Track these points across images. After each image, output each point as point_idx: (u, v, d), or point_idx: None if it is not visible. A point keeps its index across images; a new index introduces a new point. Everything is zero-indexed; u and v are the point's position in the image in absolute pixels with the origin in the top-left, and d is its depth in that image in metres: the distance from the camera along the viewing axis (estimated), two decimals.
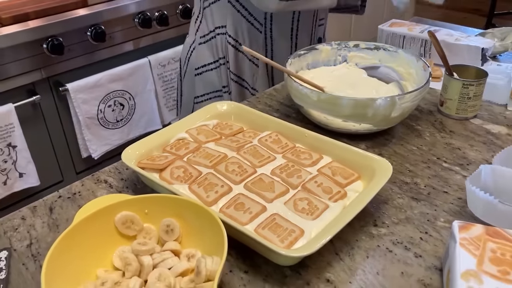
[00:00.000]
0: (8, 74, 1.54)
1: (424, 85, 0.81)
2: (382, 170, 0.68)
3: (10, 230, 0.67)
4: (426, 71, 0.87)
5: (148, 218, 0.61)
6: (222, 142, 0.77)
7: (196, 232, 0.59)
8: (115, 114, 1.85)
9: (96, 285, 0.53)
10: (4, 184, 1.66)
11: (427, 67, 0.88)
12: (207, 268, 0.52)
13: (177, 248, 0.58)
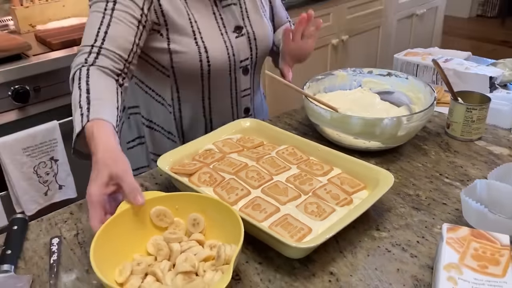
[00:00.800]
0: (55, 94, 1.70)
1: (427, 108, 0.90)
2: (385, 180, 0.76)
3: (60, 222, 0.79)
4: (432, 96, 0.95)
5: (178, 213, 0.71)
6: (244, 153, 0.87)
7: (218, 225, 0.68)
8: None
9: (133, 265, 0.63)
10: (45, 195, 1.80)
11: (433, 92, 0.96)
12: (226, 253, 0.61)
13: (202, 238, 0.68)
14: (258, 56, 1.09)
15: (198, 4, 0.99)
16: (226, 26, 1.03)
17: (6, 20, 2.06)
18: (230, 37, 1.03)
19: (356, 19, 2.78)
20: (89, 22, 0.91)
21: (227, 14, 1.03)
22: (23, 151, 1.67)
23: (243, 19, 1.06)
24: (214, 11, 1.02)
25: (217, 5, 1.02)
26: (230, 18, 1.04)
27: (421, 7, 3.25)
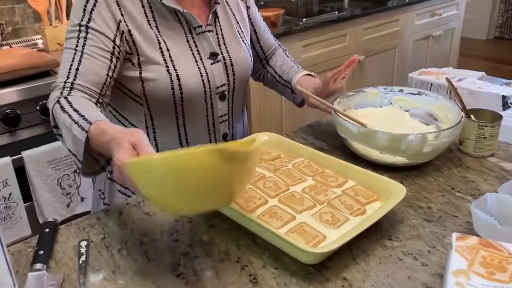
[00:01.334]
0: None
1: (453, 126, 0.93)
2: (397, 192, 0.79)
3: (88, 226, 0.83)
4: (459, 115, 0.98)
5: None
6: (262, 165, 0.92)
7: None
8: None
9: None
10: (67, 206, 1.87)
11: (461, 112, 0.99)
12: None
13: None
14: (236, 81, 1.08)
15: (171, 32, 0.99)
16: (201, 53, 1.02)
17: (35, 39, 2.16)
18: (205, 63, 1.02)
19: (372, 40, 2.83)
20: (62, 59, 0.95)
21: (202, 41, 1.03)
22: (48, 164, 1.74)
23: (219, 45, 1.05)
24: (188, 39, 1.01)
25: (191, 33, 1.02)
26: (206, 45, 1.03)
27: (437, 29, 3.28)
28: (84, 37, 0.93)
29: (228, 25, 1.08)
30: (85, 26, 0.93)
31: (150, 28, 0.97)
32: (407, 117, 1.11)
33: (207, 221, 0.83)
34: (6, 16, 2.08)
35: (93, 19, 0.93)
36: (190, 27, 1.01)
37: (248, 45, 1.13)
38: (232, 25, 1.09)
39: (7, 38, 2.08)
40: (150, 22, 0.98)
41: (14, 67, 1.63)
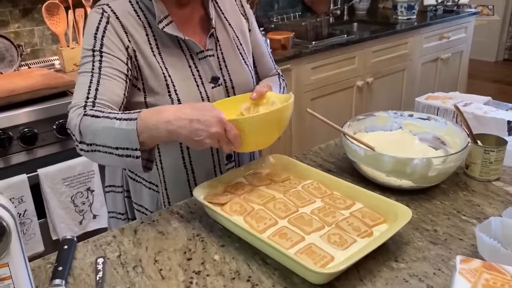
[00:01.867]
0: None
1: (458, 152, 0.95)
2: (404, 215, 0.82)
3: (104, 244, 0.87)
4: (466, 141, 1.00)
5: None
6: (272, 187, 0.95)
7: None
8: None
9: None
10: (80, 224, 1.90)
11: (468, 137, 1.02)
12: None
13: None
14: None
15: (174, 58, 1.03)
16: (202, 77, 1.05)
17: (53, 60, 2.23)
18: (206, 88, 1.05)
19: (381, 62, 2.88)
20: (78, 82, 0.97)
21: (204, 66, 1.06)
22: (62, 181, 1.79)
23: (220, 69, 1.08)
24: (190, 64, 1.05)
25: (193, 58, 1.05)
26: (207, 69, 1.06)
27: (445, 52, 3.32)
28: (99, 60, 0.96)
29: (230, 48, 1.11)
30: (98, 51, 0.97)
31: (153, 56, 1.01)
32: (416, 141, 1.14)
33: (219, 241, 0.86)
34: (25, 37, 2.15)
35: (105, 44, 0.97)
36: (191, 52, 1.05)
37: (250, 66, 1.16)
38: (233, 48, 1.12)
39: (25, 59, 2.15)
40: (154, 50, 1.02)
41: (33, 88, 1.69)
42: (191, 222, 0.92)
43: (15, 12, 2.10)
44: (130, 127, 0.84)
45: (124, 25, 1.00)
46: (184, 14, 1.07)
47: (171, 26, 1.02)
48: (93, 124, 0.88)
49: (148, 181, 1.12)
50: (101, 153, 0.89)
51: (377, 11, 3.56)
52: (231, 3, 1.16)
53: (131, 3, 1.03)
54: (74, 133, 0.91)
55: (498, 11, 5.16)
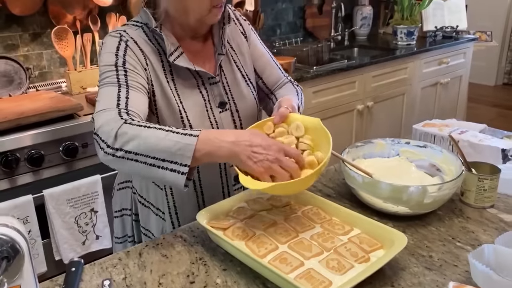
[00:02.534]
0: None
1: (452, 180, 0.99)
2: (400, 241, 0.85)
3: (110, 266, 0.90)
4: (461, 168, 1.04)
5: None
6: (273, 212, 0.98)
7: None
8: None
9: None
10: (83, 244, 1.92)
11: (462, 165, 1.05)
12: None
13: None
14: (243, 127, 1.14)
15: (186, 85, 1.07)
16: (211, 102, 1.10)
17: (60, 82, 2.28)
18: (215, 112, 1.10)
19: (381, 87, 2.93)
20: (104, 92, 0.96)
21: (214, 91, 1.11)
22: (67, 202, 1.82)
23: (226, 93, 1.13)
24: (201, 90, 1.09)
25: (204, 84, 1.10)
26: (216, 94, 1.11)
27: (445, 76, 3.38)
28: (124, 74, 0.98)
29: (232, 72, 1.16)
30: (122, 66, 0.99)
31: (166, 82, 1.06)
32: (413, 168, 1.17)
33: (221, 265, 0.89)
34: (34, 60, 2.21)
35: (127, 61, 1.00)
36: (203, 79, 1.10)
37: (252, 86, 1.20)
38: (235, 71, 1.16)
39: (33, 81, 2.20)
40: (167, 76, 1.06)
41: (41, 110, 1.74)
42: (194, 246, 0.95)
43: (25, 36, 2.17)
44: (188, 141, 0.86)
45: (142, 49, 1.04)
46: (195, 46, 1.12)
47: (181, 58, 1.06)
48: (141, 132, 0.87)
49: (155, 207, 1.15)
50: (138, 162, 0.87)
51: (377, 36, 3.63)
52: (232, 24, 1.19)
53: (145, 33, 1.07)
54: (105, 138, 0.88)
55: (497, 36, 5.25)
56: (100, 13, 2.28)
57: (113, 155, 0.88)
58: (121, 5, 2.37)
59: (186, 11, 1.05)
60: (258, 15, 2.72)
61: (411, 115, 3.22)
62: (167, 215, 1.15)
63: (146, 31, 1.08)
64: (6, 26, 2.11)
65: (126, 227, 1.25)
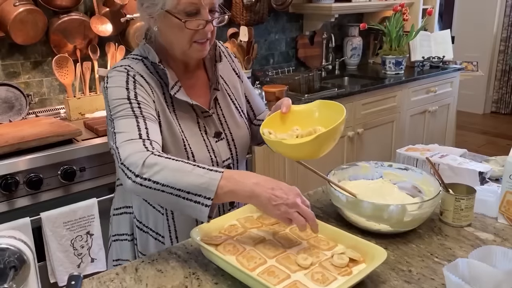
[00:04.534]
0: (97, 174, 1.92)
1: (430, 199, 1.06)
2: (380, 256, 0.91)
3: (108, 281, 0.95)
4: (438, 189, 1.11)
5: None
6: (263, 229, 1.04)
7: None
8: None
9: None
10: (77, 267, 1.95)
11: (440, 186, 1.12)
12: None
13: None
14: (238, 154, 1.24)
15: (185, 116, 1.16)
16: (208, 132, 1.18)
17: (59, 109, 2.35)
18: (211, 142, 1.18)
19: (370, 114, 3.02)
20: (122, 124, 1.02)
21: (209, 122, 1.19)
22: (63, 225, 1.86)
23: (221, 124, 1.21)
24: (198, 121, 1.18)
25: (199, 116, 1.18)
26: (211, 126, 1.19)
27: (433, 104, 3.49)
28: (138, 106, 1.05)
29: (227, 106, 1.25)
30: (134, 99, 1.05)
31: (169, 113, 1.13)
32: (396, 189, 1.24)
33: (213, 279, 0.94)
34: (34, 87, 2.29)
35: (139, 94, 1.07)
36: (198, 112, 1.18)
37: (245, 117, 1.29)
38: (230, 105, 1.25)
39: (33, 108, 2.27)
40: (169, 107, 1.14)
41: (41, 135, 1.80)
42: (188, 262, 1.00)
43: (26, 64, 2.25)
44: (213, 176, 0.92)
45: (148, 82, 1.12)
46: (190, 81, 1.21)
47: (181, 92, 1.14)
48: (169, 164, 0.93)
49: (155, 232, 1.21)
50: (164, 193, 0.93)
51: (367, 66, 3.76)
52: (224, 61, 1.29)
53: (146, 66, 1.15)
54: (133, 168, 0.94)
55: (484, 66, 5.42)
56: (99, 43, 2.37)
57: (141, 184, 0.94)
58: (120, 35, 2.47)
59: (171, 44, 1.12)
60: (252, 45, 2.83)
61: (400, 142, 3.30)
62: (167, 238, 1.20)
63: (147, 64, 1.15)
64: (8, 54, 2.19)
65: (123, 251, 1.29)
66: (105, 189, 1.96)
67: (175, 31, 1.09)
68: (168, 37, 1.11)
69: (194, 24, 1.07)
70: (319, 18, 3.23)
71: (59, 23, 2.22)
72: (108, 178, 1.95)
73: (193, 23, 1.07)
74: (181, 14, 1.06)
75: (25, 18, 2.09)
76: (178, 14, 1.06)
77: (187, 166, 0.94)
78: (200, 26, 1.08)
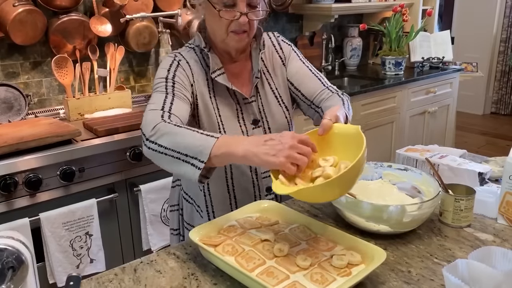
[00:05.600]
0: (96, 175, 1.92)
1: (429, 200, 1.05)
2: (379, 256, 0.91)
3: (106, 281, 0.94)
4: (438, 190, 1.10)
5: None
6: (262, 230, 1.04)
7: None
8: None
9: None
10: (76, 268, 1.95)
11: (439, 187, 1.12)
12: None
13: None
14: None
15: (224, 101, 1.24)
16: (245, 119, 1.26)
17: (58, 109, 2.35)
18: (248, 128, 1.26)
19: (370, 115, 3.02)
20: (154, 97, 1.14)
21: (248, 109, 1.26)
22: (63, 225, 1.86)
23: (259, 112, 1.28)
24: (237, 107, 1.26)
25: (239, 103, 1.26)
26: (250, 113, 1.27)
27: (432, 105, 3.49)
28: (172, 85, 1.16)
29: (267, 93, 1.30)
30: (171, 79, 1.18)
31: (209, 97, 1.23)
32: (395, 190, 1.24)
33: (212, 279, 0.94)
34: (34, 88, 2.29)
35: (177, 76, 1.19)
36: (238, 98, 1.26)
37: (287, 106, 1.33)
38: (270, 93, 1.30)
39: (32, 108, 2.27)
40: (210, 92, 1.24)
41: (40, 135, 1.80)
42: (187, 262, 1.00)
43: (25, 65, 2.25)
44: (208, 141, 0.96)
45: (192, 68, 1.23)
46: (235, 69, 1.29)
47: (222, 77, 1.23)
48: (172, 129, 1.01)
49: (197, 204, 1.29)
50: (167, 156, 1.00)
51: (366, 66, 3.76)
52: (268, 49, 1.33)
53: (196, 54, 1.26)
54: (146, 132, 1.04)
55: (483, 67, 5.42)
56: (99, 43, 2.37)
57: (149, 147, 1.03)
58: (119, 36, 2.47)
59: (213, 32, 1.22)
60: None
61: (400, 142, 3.30)
62: (204, 213, 1.31)
63: (197, 52, 1.26)
64: (8, 55, 2.19)
65: (173, 221, 1.42)
66: (104, 189, 1.96)
67: (215, 20, 1.17)
68: (210, 25, 1.22)
69: (229, 14, 1.15)
70: (319, 18, 3.23)
71: (58, 24, 2.21)
72: (107, 178, 1.95)
73: (227, 13, 1.15)
74: (219, 4, 1.15)
75: (25, 18, 2.08)
76: (216, 4, 1.15)
77: (188, 132, 1.00)
78: (235, 17, 1.15)
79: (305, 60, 1.37)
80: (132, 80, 2.60)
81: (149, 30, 2.48)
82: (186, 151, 0.97)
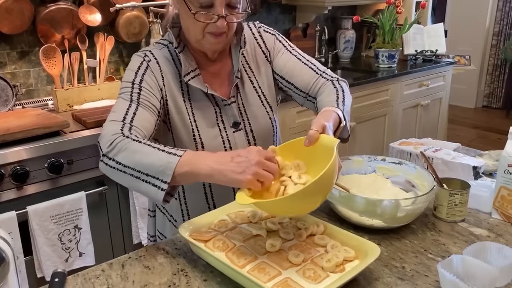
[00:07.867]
0: (85, 167, 1.88)
1: (423, 194, 1.04)
2: (373, 252, 0.89)
3: (93, 277, 0.92)
4: (432, 184, 1.09)
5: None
6: (253, 225, 1.01)
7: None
8: None
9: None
10: (65, 261, 1.92)
11: (433, 181, 1.10)
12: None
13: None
14: (256, 145, 1.15)
15: (201, 105, 1.14)
16: (225, 122, 1.15)
17: (46, 100, 2.31)
18: (228, 132, 1.15)
19: (363, 108, 3.00)
20: (117, 105, 1.05)
21: (227, 112, 1.16)
22: (51, 219, 1.82)
23: (241, 114, 1.17)
24: (215, 110, 1.15)
25: (218, 105, 1.15)
26: (230, 115, 1.16)
27: (425, 98, 3.48)
28: (138, 92, 1.06)
29: (249, 93, 1.19)
30: (138, 84, 1.07)
31: (182, 101, 1.13)
32: (389, 184, 1.22)
33: (202, 275, 0.92)
34: (21, 78, 2.24)
35: (145, 80, 1.08)
36: (217, 100, 1.15)
37: (271, 105, 1.22)
38: (253, 93, 1.19)
39: (20, 99, 2.22)
40: (184, 96, 1.13)
41: (27, 127, 1.76)
42: (176, 258, 0.98)
43: (12, 54, 2.20)
44: (170, 160, 0.90)
45: (162, 70, 1.12)
46: (214, 68, 1.18)
47: (196, 79, 1.12)
48: (132, 145, 0.93)
49: (170, 215, 1.22)
50: (126, 174, 0.93)
51: (360, 59, 3.73)
52: (250, 44, 1.22)
53: (169, 52, 1.15)
54: (102, 147, 0.96)
55: (476, 61, 5.42)
56: (88, 33, 2.32)
57: (105, 164, 0.96)
58: (109, 25, 2.42)
59: (187, 31, 1.11)
60: None
61: (393, 135, 3.29)
62: (180, 223, 1.20)
63: (171, 50, 1.15)
64: None
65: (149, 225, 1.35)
66: (93, 182, 1.93)
67: (190, 20, 1.07)
68: (185, 24, 1.11)
69: (205, 17, 1.05)
70: (312, 10, 3.19)
71: (46, 12, 2.16)
72: (96, 171, 1.91)
73: (203, 16, 1.05)
74: (195, 4, 1.04)
75: (11, 6, 2.03)
76: (191, 3, 1.04)
77: (148, 148, 0.93)
78: (212, 20, 1.05)
79: (293, 48, 1.26)
80: (122, 71, 2.55)
81: (139, 20, 2.43)
82: (147, 170, 0.91)
